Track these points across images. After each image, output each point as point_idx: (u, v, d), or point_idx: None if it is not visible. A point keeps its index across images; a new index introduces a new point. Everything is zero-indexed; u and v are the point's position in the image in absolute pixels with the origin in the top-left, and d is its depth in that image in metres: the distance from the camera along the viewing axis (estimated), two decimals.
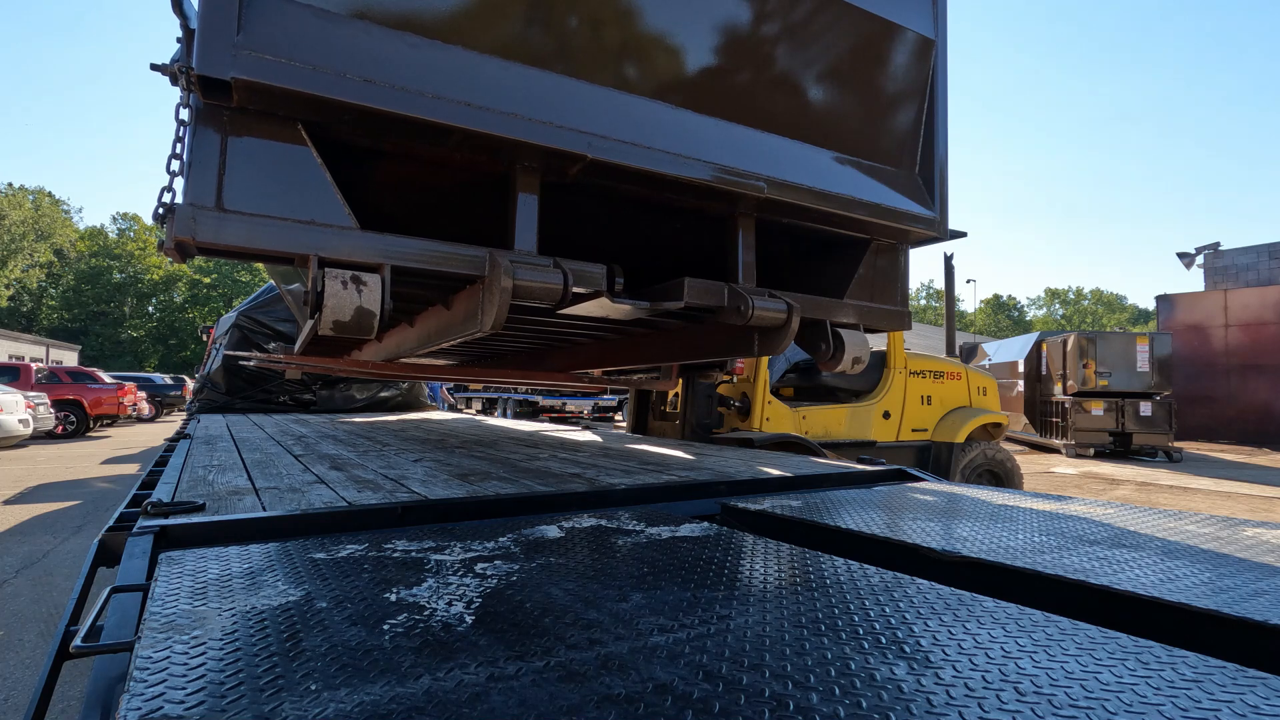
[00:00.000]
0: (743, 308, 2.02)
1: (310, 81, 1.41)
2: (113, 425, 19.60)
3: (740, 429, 5.47)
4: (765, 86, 2.04)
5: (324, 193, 1.50)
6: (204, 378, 8.50)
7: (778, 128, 2.08)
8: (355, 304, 1.44)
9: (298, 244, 1.45)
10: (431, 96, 1.54)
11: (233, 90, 1.37)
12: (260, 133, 1.45)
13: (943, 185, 2.41)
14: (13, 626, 3.75)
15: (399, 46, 1.54)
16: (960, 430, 6.24)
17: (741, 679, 0.79)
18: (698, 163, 1.89)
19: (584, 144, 1.72)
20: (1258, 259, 19.49)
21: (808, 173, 2.10)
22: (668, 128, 1.87)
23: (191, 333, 55.06)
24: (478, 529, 1.57)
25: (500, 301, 1.61)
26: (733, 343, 2.48)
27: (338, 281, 1.44)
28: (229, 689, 0.74)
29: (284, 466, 2.64)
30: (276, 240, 1.43)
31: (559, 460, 3.02)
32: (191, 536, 1.52)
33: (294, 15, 1.41)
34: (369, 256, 1.53)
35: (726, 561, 1.31)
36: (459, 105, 1.57)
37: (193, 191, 1.38)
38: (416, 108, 1.52)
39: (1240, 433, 16.52)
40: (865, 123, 2.25)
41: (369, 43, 1.50)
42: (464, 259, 1.63)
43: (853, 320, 2.38)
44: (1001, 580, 1.37)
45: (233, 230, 1.39)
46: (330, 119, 1.53)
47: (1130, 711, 0.72)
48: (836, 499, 2.12)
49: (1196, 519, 1.85)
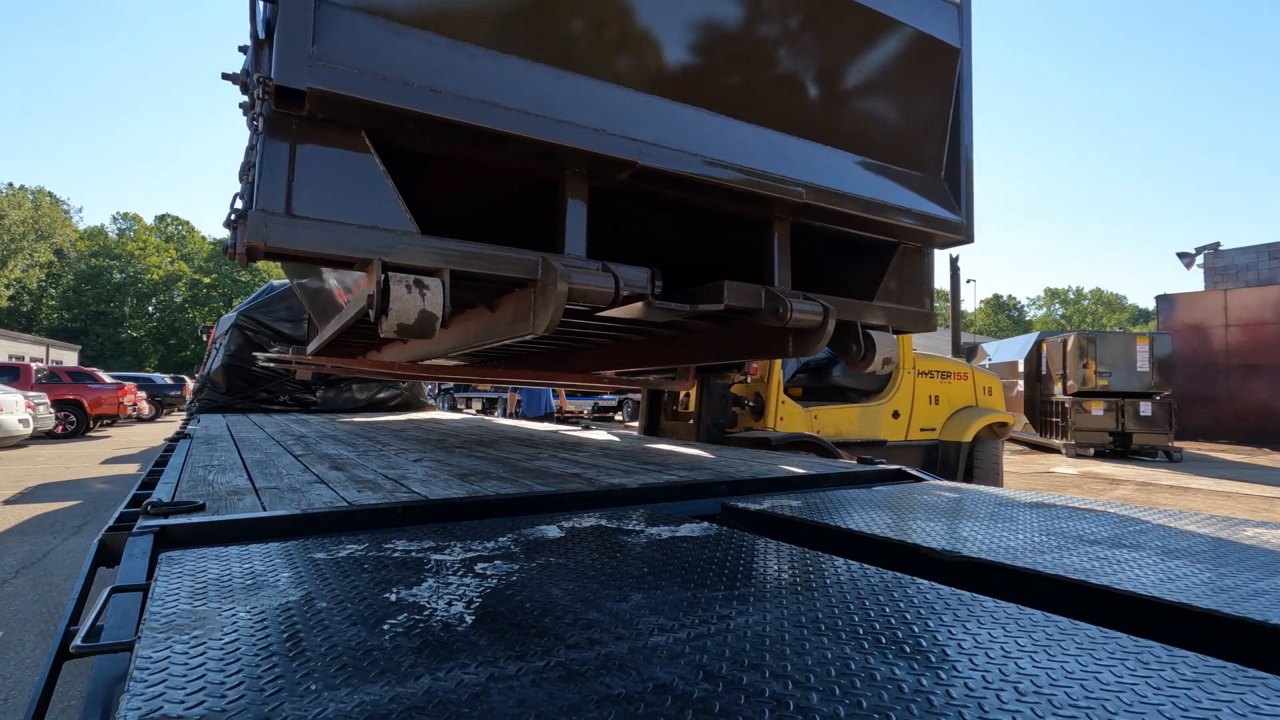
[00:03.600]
0: (781, 310, 2.07)
1: (379, 91, 1.45)
2: (113, 425, 19.60)
3: (754, 429, 5.49)
4: (803, 95, 2.09)
5: (386, 198, 1.54)
6: (204, 378, 8.50)
7: (814, 134, 2.13)
8: (419, 307, 1.48)
9: (362, 249, 1.48)
10: (492, 105, 1.58)
11: (305, 99, 1.40)
12: (326, 140, 1.49)
13: (969, 190, 2.45)
14: (13, 626, 3.75)
15: (461, 56, 1.57)
16: (968, 430, 6.30)
17: (741, 679, 0.79)
18: (740, 168, 1.93)
19: (634, 151, 1.76)
20: (1258, 259, 19.48)
21: (841, 178, 2.14)
22: (712, 135, 1.91)
23: (191, 333, 55.06)
24: (478, 529, 1.57)
25: (556, 305, 1.66)
26: (766, 344, 2.52)
27: (402, 285, 1.48)
28: (229, 689, 0.74)
29: (284, 466, 2.64)
30: (342, 245, 1.47)
31: (559, 460, 3.02)
32: (191, 536, 1.52)
33: (363, 27, 1.45)
34: (429, 261, 1.56)
35: (726, 561, 1.31)
36: (519, 114, 1.61)
37: (263, 198, 1.41)
38: (480, 116, 1.55)
39: (1240, 433, 16.51)
40: (895, 129, 2.30)
41: (433, 53, 1.54)
42: (517, 263, 1.67)
43: (882, 322, 2.41)
44: (1001, 580, 1.37)
45: (301, 235, 1.43)
46: (393, 127, 1.56)
47: (1130, 711, 0.71)
48: (837, 499, 2.12)
49: (1196, 519, 1.85)
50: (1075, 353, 13.64)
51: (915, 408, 6.22)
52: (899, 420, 6.13)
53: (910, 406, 6.19)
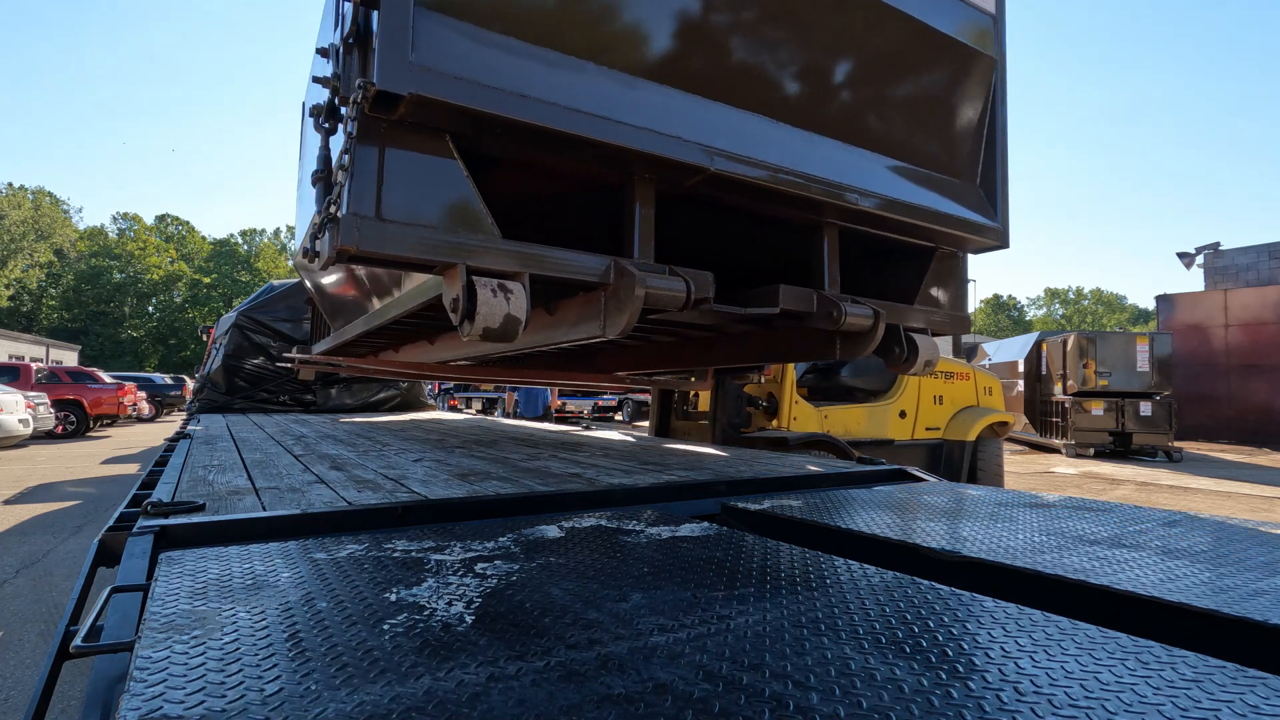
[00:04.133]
0: (835, 314, 2.11)
1: (473, 96, 1.46)
2: (113, 425, 19.60)
3: (768, 428, 5.52)
4: (853, 102, 2.14)
5: (470, 203, 1.55)
6: (204, 378, 8.50)
7: (863, 141, 2.17)
8: (505, 311, 1.49)
9: (448, 253, 1.50)
10: (575, 110, 1.60)
11: (401, 104, 1.41)
12: (413, 145, 1.51)
13: (1004, 196, 2.50)
14: (13, 626, 3.75)
15: (545, 63, 1.60)
16: (972, 429, 6.36)
17: (741, 679, 0.79)
18: (800, 174, 1.96)
19: (706, 158, 1.78)
20: (1258, 259, 19.48)
21: (889, 184, 2.18)
22: (772, 141, 1.95)
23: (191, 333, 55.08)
24: (478, 529, 1.57)
25: (633, 309, 1.68)
26: (811, 347, 2.55)
27: (488, 289, 1.49)
28: (229, 689, 0.74)
29: (284, 466, 2.64)
30: (428, 248, 1.48)
31: (559, 460, 3.02)
32: (191, 536, 1.52)
33: (456, 34, 1.47)
34: (510, 264, 1.57)
35: (726, 561, 1.31)
36: (599, 119, 1.63)
37: (354, 202, 1.42)
38: (564, 121, 1.57)
39: (1240, 433, 16.51)
40: (937, 137, 2.35)
41: (519, 59, 1.56)
42: (590, 267, 1.69)
43: (921, 325, 2.45)
44: (1001, 580, 1.37)
45: (391, 238, 1.44)
46: (477, 131, 1.57)
47: (1130, 711, 0.72)
48: (837, 499, 2.12)
49: (1196, 519, 1.85)
50: (1075, 353, 13.64)
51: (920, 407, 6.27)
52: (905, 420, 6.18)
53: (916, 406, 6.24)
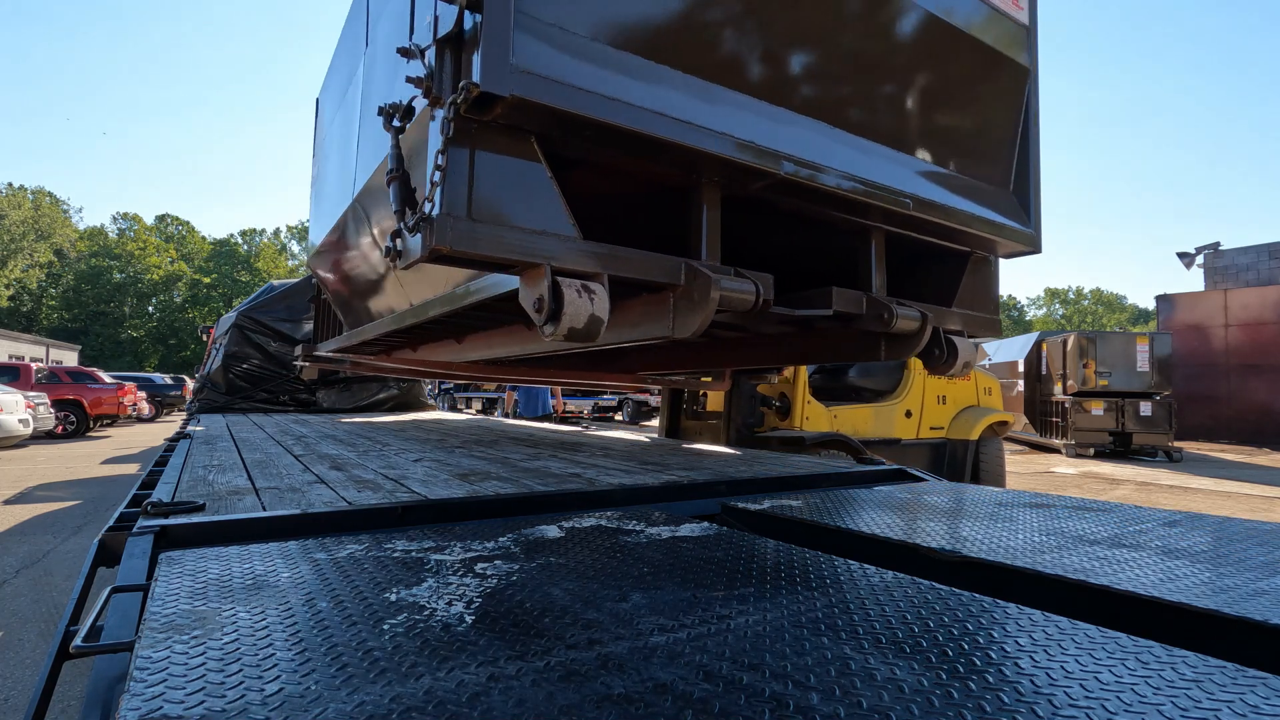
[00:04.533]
0: (886, 316, 2.15)
1: (565, 98, 1.48)
2: (113, 425, 19.60)
3: (781, 428, 5.54)
4: (904, 111, 2.19)
5: (553, 204, 1.57)
6: (204, 378, 8.50)
7: (910, 148, 2.21)
8: (589, 312, 1.51)
9: (533, 253, 1.51)
10: (658, 114, 1.62)
11: (498, 106, 1.43)
12: (503, 147, 1.52)
13: (1037, 202, 2.57)
14: (13, 626, 3.75)
15: (631, 68, 1.63)
16: (975, 428, 6.45)
17: (741, 679, 0.79)
18: (856, 179, 2.00)
19: (775, 162, 1.81)
20: (1258, 259, 19.47)
21: (932, 189, 2.23)
22: (833, 147, 1.99)
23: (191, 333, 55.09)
24: (478, 529, 1.57)
25: (707, 310, 1.70)
26: (855, 348, 2.59)
27: (573, 290, 1.50)
28: (229, 689, 0.74)
29: (284, 466, 2.64)
30: (515, 249, 1.49)
31: (559, 460, 3.02)
32: (191, 536, 1.52)
33: (549, 38, 1.50)
34: (590, 265, 1.59)
35: (726, 561, 1.31)
36: (680, 123, 1.65)
37: (447, 202, 1.44)
38: (648, 124, 1.60)
39: (1240, 433, 16.51)
40: (976, 144, 2.41)
41: (607, 64, 1.59)
42: (663, 267, 1.71)
43: (959, 327, 2.49)
44: (1001, 580, 1.37)
45: (481, 239, 1.45)
46: (562, 133, 1.59)
47: (1130, 711, 0.72)
48: (837, 499, 2.12)
49: (1196, 519, 1.85)
50: (1075, 353, 13.64)
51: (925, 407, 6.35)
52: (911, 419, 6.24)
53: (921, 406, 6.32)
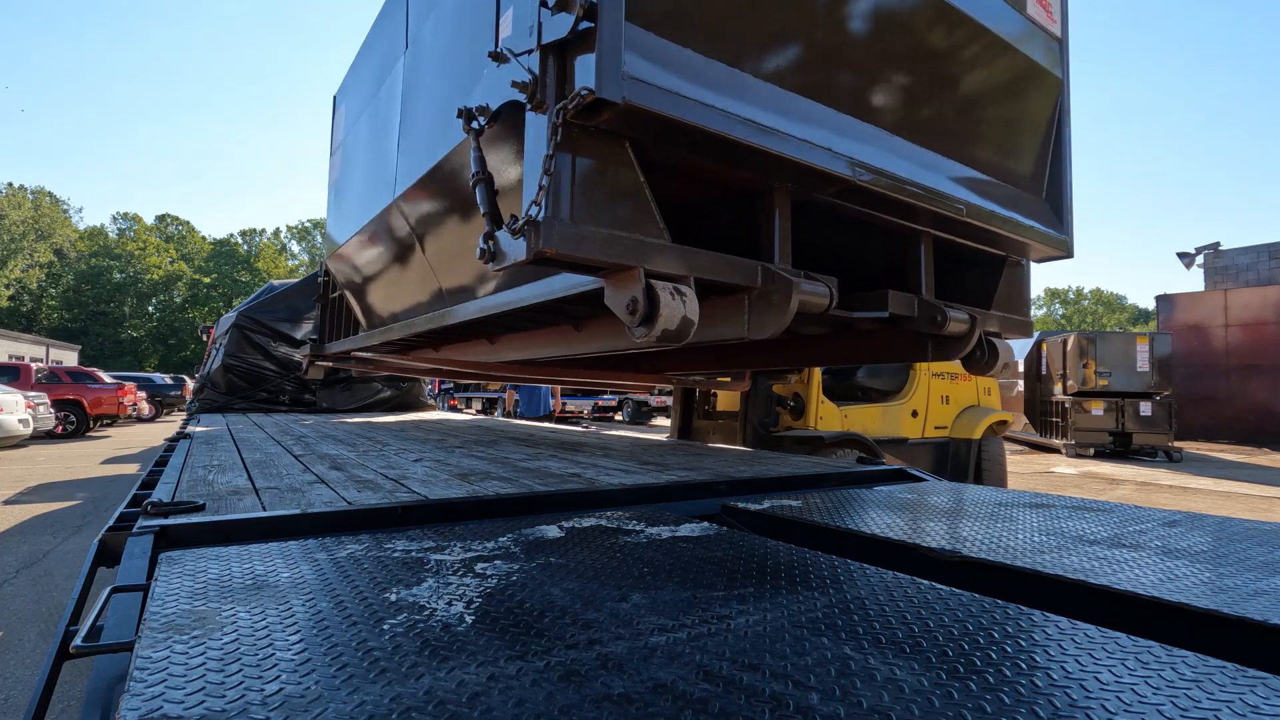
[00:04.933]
0: (939, 318, 2.21)
1: (670, 104, 1.51)
2: (113, 425, 19.59)
3: (795, 427, 5.59)
4: (956, 120, 2.26)
5: (646, 208, 1.60)
6: (204, 378, 8.50)
7: (960, 156, 2.28)
8: (682, 314, 1.53)
9: (628, 256, 1.53)
10: (749, 122, 1.65)
11: (604, 111, 1.45)
12: (601, 151, 1.55)
13: (1069, 208, 2.63)
14: (13, 626, 3.75)
15: (723, 77, 1.66)
16: (977, 427, 6.55)
17: (741, 679, 0.79)
18: (916, 185, 2.05)
19: (849, 169, 1.85)
20: (1258, 259, 19.47)
21: (977, 196, 2.28)
22: (897, 154, 2.04)
23: (191, 333, 55.09)
24: (478, 529, 1.57)
25: (788, 313, 1.74)
26: (901, 349, 2.64)
27: (667, 292, 1.52)
28: (229, 689, 0.74)
29: (284, 466, 2.64)
30: (612, 252, 1.51)
31: (559, 460, 3.02)
32: (191, 536, 1.52)
33: (652, 46, 1.54)
34: (679, 268, 1.61)
35: (726, 561, 1.31)
36: (767, 130, 1.68)
37: (551, 206, 1.46)
38: (740, 131, 1.63)
39: (1240, 433, 16.51)
40: (1016, 152, 2.48)
41: (702, 73, 1.61)
42: (742, 270, 1.74)
43: (997, 329, 2.53)
44: (1001, 580, 1.37)
45: (584, 242, 1.48)
46: (658, 139, 1.62)
47: (1130, 711, 0.72)
48: (837, 499, 2.12)
49: (1196, 519, 1.85)
50: (1075, 353, 13.63)
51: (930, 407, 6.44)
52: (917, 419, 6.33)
53: (926, 406, 6.41)
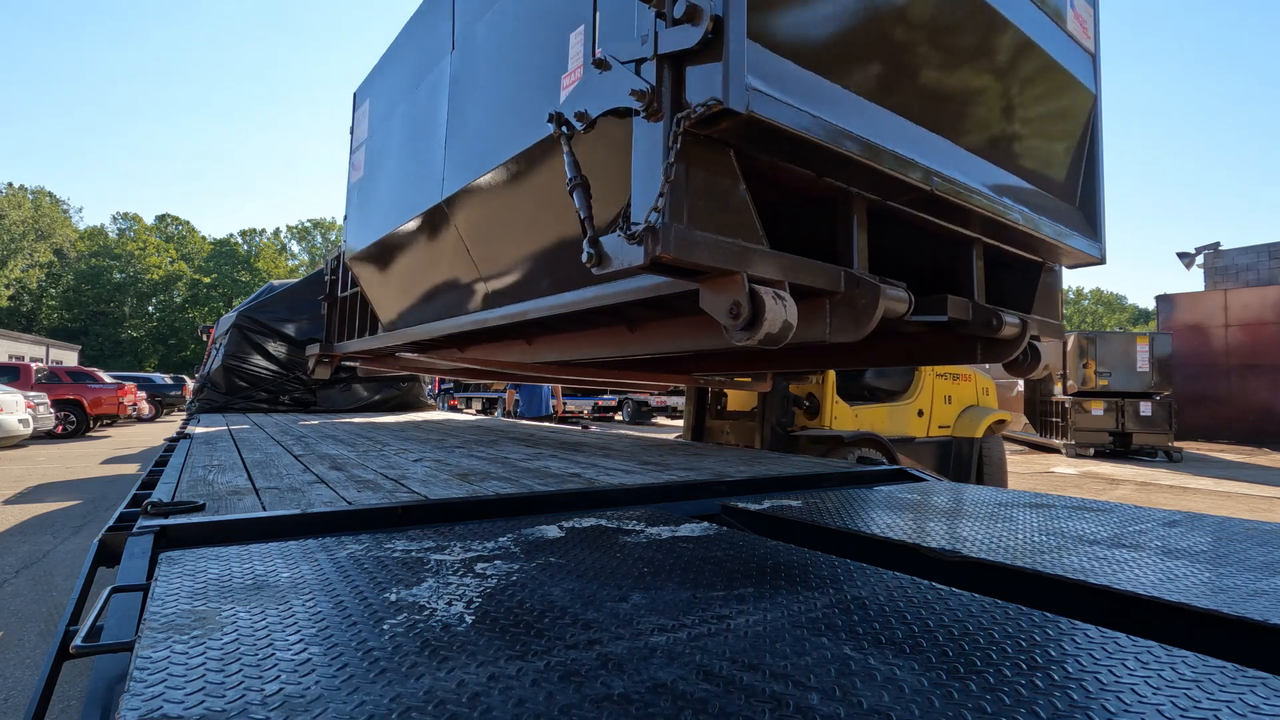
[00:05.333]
0: (994, 322, 2.28)
1: (785, 115, 1.55)
2: (113, 425, 19.59)
3: (810, 427, 5.65)
4: (1010, 133, 2.34)
5: (747, 215, 1.65)
6: (204, 378, 8.50)
7: (1012, 167, 2.35)
8: (783, 318, 1.57)
9: (733, 261, 1.57)
10: (845, 132, 1.72)
11: (723, 121, 1.49)
12: (710, 160, 1.59)
13: (1102, 218, 2.72)
14: (13, 626, 3.75)
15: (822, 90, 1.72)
16: (979, 426, 6.67)
17: (741, 679, 0.79)
18: (978, 194, 2.13)
19: (927, 179, 1.92)
20: (1258, 259, 19.46)
21: (1025, 205, 2.36)
22: (962, 165, 2.12)
23: (191, 333, 55.09)
24: (478, 529, 1.57)
25: (874, 317, 1.80)
26: (951, 352, 2.71)
27: (769, 296, 1.56)
28: (229, 689, 0.74)
29: (284, 466, 2.64)
30: (720, 258, 1.55)
31: (559, 460, 3.02)
32: (191, 536, 1.52)
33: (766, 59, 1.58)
34: (776, 273, 1.65)
35: (726, 561, 1.31)
36: (858, 140, 1.74)
37: (669, 212, 1.50)
38: (838, 141, 1.69)
39: (1240, 433, 16.50)
40: (1055, 163, 2.57)
41: (805, 86, 1.67)
42: (827, 275, 1.79)
43: (1036, 332, 2.60)
44: (1001, 580, 1.37)
45: (696, 247, 1.51)
46: (759, 147, 1.67)
47: (1130, 711, 0.72)
48: (837, 499, 2.13)
49: (1196, 519, 1.85)
50: (1075, 353, 13.63)
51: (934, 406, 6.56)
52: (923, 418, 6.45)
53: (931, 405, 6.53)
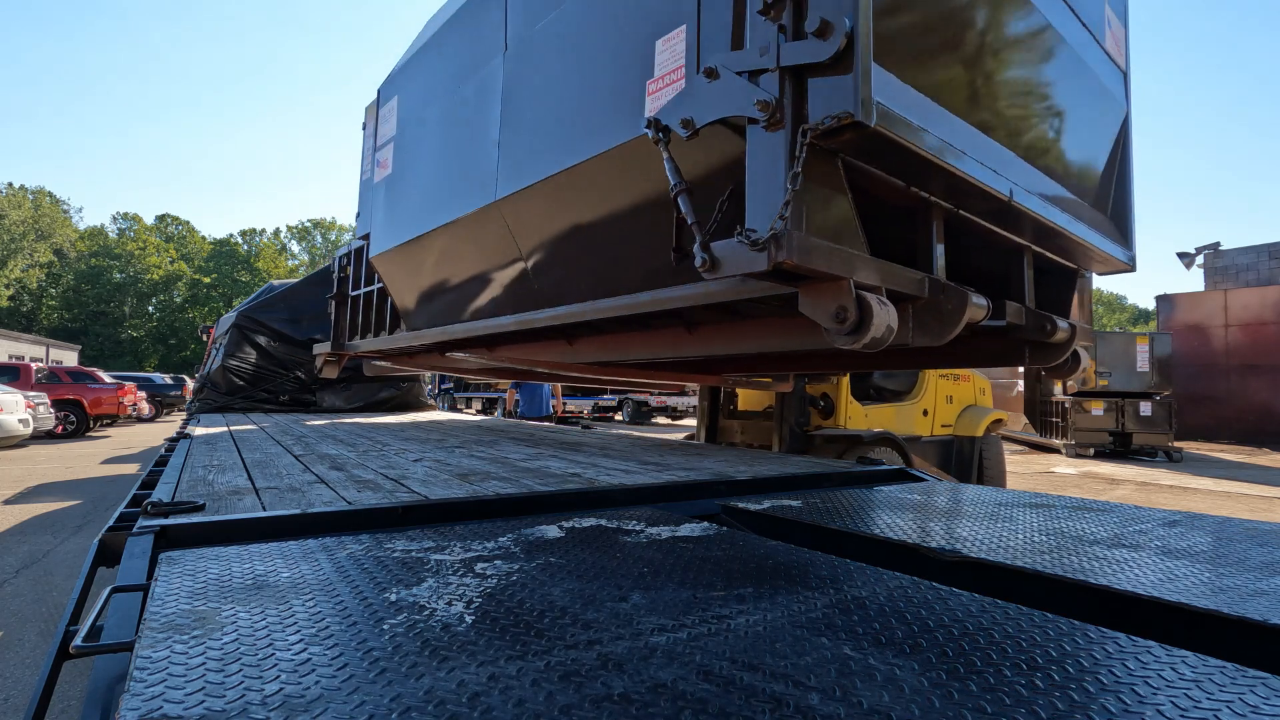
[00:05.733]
0: (1048, 326, 2.38)
1: (902, 129, 1.62)
2: (113, 425, 19.59)
3: (825, 427, 5.74)
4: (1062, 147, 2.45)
5: (851, 222, 1.71)
6: (204, 378, 8.51)
7: (1062, 178, 2.44)
8: (887, 323, 1.62)
9: (842, 267, 1.62)
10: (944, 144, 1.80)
11: (845, 134, 1.56)
12: (822, 171, 1.64)
13: (1132, 226, 2.84)
14: (13, 626, 3.75)
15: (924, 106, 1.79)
16: (979, 425, 6.82)
17: (741, 679, 0.79)
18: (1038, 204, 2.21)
19: (1008, 190, 2.01)
20: (1258, 259, 19.46)
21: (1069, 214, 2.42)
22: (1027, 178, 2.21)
23: (191, 333, 55.09)
24: (478, 529, 1.57)
25: (960, 323, 1.87)
26: (1000, 355, 2.79)
27: (874, 302, 1.61)
28: (229, 689, 0.74)
29: (284, 466, 2.64)
30: (832, 264, 1.60)
31: (559, 460, 3.02)
32: (191, 536, 1.52)
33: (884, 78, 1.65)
34: (874, 279, 1.70)
35: (726, 561, 1.31)
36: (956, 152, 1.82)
37: (794, 220, 1.55)
38: (939, 153, 1.77)
39: (1240, 433, 16.50)
40: (1093, 174, 2.66)
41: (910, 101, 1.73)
42: (913, 281, 1.84)
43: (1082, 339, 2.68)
44: (1001, 580, 1.37)
45: (812, 254, 1.56)
46: (865, 158, 1.73)
47: (1129, 711, 0.72)
48: (837, 499, 2.13)
49: (1196, 519, 1.86)
50: None
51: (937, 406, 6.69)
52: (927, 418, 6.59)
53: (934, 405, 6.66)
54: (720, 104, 1.69)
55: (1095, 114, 2.60)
